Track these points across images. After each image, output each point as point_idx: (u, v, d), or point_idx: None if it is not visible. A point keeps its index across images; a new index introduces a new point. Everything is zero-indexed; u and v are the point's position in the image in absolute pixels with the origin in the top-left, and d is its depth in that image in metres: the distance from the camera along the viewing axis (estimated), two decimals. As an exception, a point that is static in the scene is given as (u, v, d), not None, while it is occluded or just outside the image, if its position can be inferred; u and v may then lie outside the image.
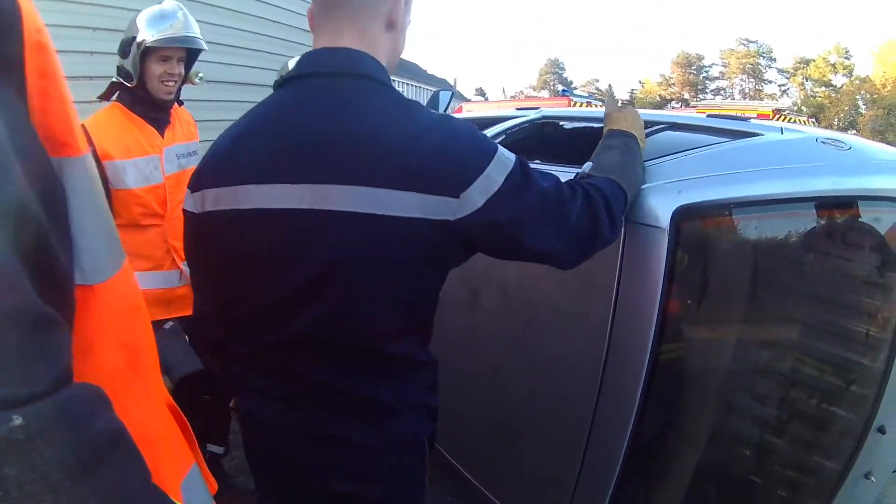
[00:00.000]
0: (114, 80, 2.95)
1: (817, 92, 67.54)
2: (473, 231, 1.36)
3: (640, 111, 2.09)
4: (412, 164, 1.33)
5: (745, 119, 2.52)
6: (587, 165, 1.71)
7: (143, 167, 2.93)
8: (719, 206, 1.89)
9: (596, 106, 18.83)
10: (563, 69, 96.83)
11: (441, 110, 4.21)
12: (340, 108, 1.41)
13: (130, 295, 0.87)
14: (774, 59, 77.63)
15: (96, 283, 0.75)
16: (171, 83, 2.93)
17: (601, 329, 1.95)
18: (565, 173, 1.72)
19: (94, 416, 0.58)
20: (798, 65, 71.73)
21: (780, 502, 2.29)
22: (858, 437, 2.19)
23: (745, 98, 65.43)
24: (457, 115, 4.12)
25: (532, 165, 1.48)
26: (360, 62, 1.45)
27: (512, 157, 1.41)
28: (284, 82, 1.53)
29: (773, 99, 63.24)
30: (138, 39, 2.79)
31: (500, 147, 1.41)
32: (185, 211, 1.59)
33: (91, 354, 0.73)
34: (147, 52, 2.81)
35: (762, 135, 2.23)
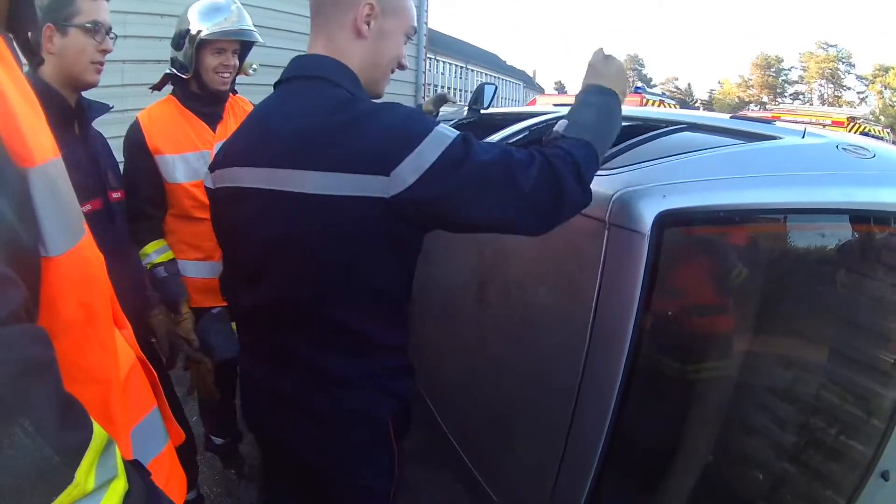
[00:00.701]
0: (167, 71, 2.97)
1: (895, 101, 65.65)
2: (409, 208, 1.45)
3: (666, 110, 2.05)
4: (347, 147, 1.46)
5: (770, 122, 2.43)
6: (561, 124, 1.70)
7: (192, 162, 2.94)
8: (706, 212, 1.81)
9: (668, 105, 18.62)
10: (642, 66, 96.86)
11: (485, 104, 4.25)
12: (295, 106, 1.63)
13: (86, 265, 1.06)
14: (853, 65, 75.84)
15: (55, 255, 0.96)
16: (225, 75, 2.92)
17: (582, 331, 1.93)
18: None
19: (21, 348, 0.77)
20: (877, 72, 69.76)
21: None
22: (862, 475, 2.10)
23: (823, 104, 64.26)
24: (529, 107, 4.12)
25: None
26: (319, 66, 1.66)
27: (452, 134, 1.47)
28: (275, 85, 1.76)
29: (851, 106, 61.77)
30: (192, 31, 2.79)
31: (440, 127, 1.48)
32: (205, 188, 1.87)
33: (54, 308, 0.95)
34: (202, 44, 2.81)
35: (780, 138, 2.14)
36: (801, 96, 77.79)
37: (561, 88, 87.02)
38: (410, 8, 1.73)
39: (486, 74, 45.81)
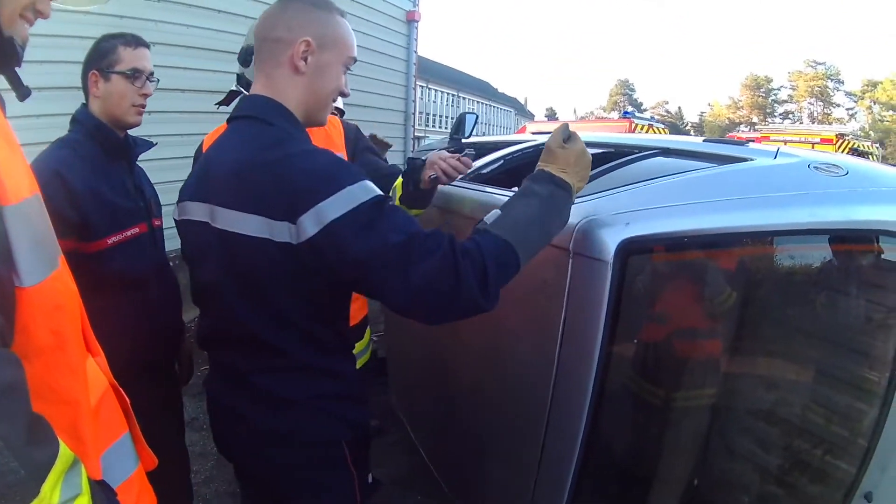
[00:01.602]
0: (233, 88, 2.94)
1: (885, 116, 65.67)
2: (312, 257, 1.49)
3: (642, 136, 2.02)
4: (263, 190, 1.53)
5: (743, 143, 2.42)
6: (493, 214, 1.64)
7: None
8: (670, 239, 1.80)
9: (657, 129, 18.66)
10: (633, 90, 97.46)
11: (466, 133, 4.23)
12: (230, 145, 1.70)
13: (57, 296, 1.10)
14: (842, 82, 76.08)
15: (28, 286, 1.01)
16: None
17: (550, 358, 1.91)
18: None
19: None
20: (866, 88, 69.92)
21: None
22: (845, 496, 2.10)
23: (813, 122, 64.50)
24: (511, 136, 4.12)
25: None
26: (254, 106, 1.72)
27: (365, 196, 1.49)
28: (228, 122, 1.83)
29: (841, 123, 61.99)
30: None
31: (356, 185, 1.50)
32: (173, 219, 1.90)
33: (27, 333, 1.00)
34: None
35: (752, 160, 2.12)
36: (790, 115, 78.00)
37: (552, 115, 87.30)
38: (347, 39, 1.76)
39: (477, 102, 45.89)
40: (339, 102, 4.85)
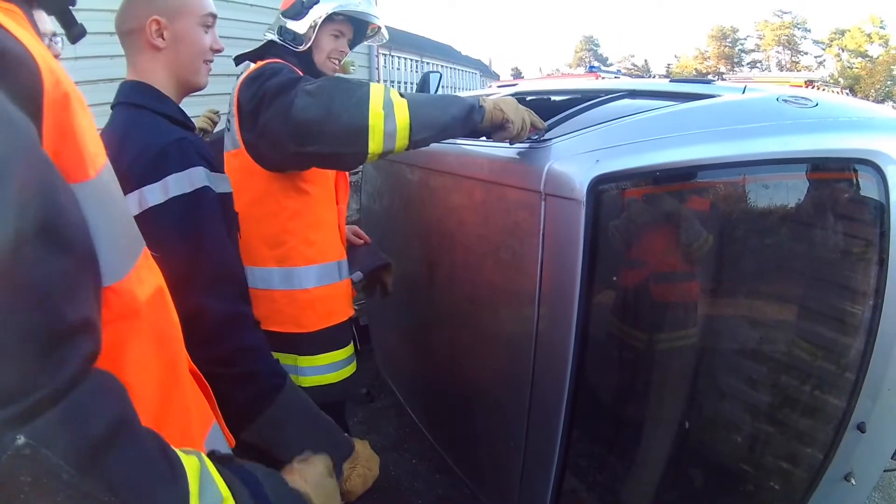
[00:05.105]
0: (272, 37, 2.50)
1: (854, 63, 65.86)
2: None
3: (608, 81, 2.03)
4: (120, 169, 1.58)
5: (709, 81, 2.40)
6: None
7: None
8: (642, 174, 1.79)
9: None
10: (598, 45, 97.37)
11: (432, 91, 4.28)
12: (108, 132, 1.73)
13: (149, 284, 0.94)
14: (809, 30, 76.31)
15: (112, 284, 0.83)
16: (337, 62, 2.55)
17: (530, 304, 1.91)
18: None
19: (93, 414, 0.66)
20: (833, 35, 70.14)
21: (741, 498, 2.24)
22: (837, 429, 2.09)
23: (781, 70, 64.70)
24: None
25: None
26: (122, 92, 1.78)
27: (184, 190, 1.59)
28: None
29: (809, 71, 62.12)
30: (320, 2, 2.37)
31: (178, 178, 1.59)
32: None
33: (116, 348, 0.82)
34: (324, 22, 2.40)
35: (720, 96, 2.11)
36: (758, 64, 78.17)
37: (517, 74, 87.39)
38: (192, 1, 1.78)
39: (441, 66, 45.60)
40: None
